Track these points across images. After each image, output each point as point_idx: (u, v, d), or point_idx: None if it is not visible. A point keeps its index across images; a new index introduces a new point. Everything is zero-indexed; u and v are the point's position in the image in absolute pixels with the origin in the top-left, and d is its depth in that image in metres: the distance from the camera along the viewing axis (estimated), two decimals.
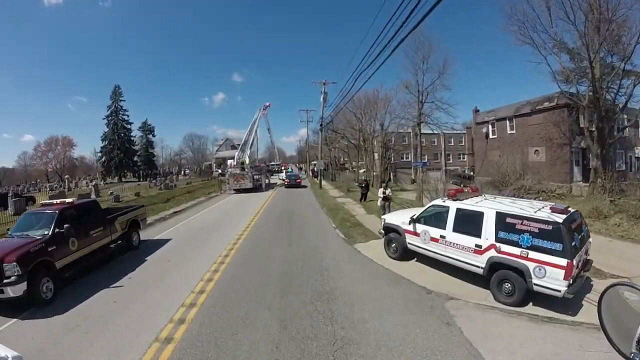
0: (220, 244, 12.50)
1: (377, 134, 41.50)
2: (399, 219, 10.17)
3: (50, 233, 8.45)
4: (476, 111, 39.92)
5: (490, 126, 37.41)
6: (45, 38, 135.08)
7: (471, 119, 43.79)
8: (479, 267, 7.75)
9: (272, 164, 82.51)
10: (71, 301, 7.64)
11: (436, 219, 9.10)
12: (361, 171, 61.98)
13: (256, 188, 32.98)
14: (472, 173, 62.47)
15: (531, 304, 6.77)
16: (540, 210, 7.22)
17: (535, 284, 6.61)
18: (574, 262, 6.27)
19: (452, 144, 60.69)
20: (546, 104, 29.91)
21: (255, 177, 33.65)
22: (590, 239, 7.97)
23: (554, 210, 7.09)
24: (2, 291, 6.88)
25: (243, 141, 37.04)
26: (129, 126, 65.40)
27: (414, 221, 9.45)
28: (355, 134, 42.68)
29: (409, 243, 9.68)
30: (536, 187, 28.18)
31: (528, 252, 6.77)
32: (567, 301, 6.38)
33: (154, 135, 78.71)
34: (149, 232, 15.06)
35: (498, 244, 7.35)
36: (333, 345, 5.49)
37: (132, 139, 66.23)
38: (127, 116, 65.63)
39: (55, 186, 55.09)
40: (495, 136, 36.55)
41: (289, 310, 6.81)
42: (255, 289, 8.03)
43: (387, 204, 16.00)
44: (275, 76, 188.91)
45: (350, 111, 42.27)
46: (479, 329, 5.91)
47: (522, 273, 6.81)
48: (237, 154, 34.19)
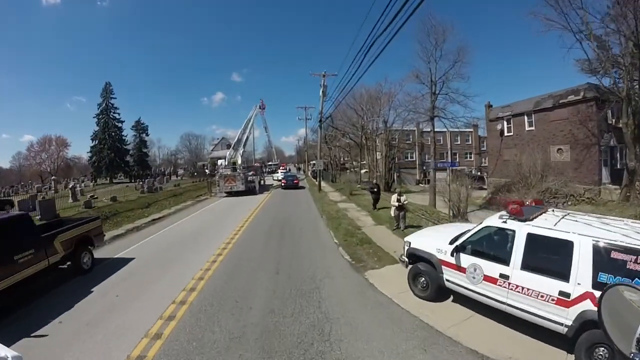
0: (189, 268, 9.58)
1: (380, 132, 38.52)
2: (430, 243, 7.18)
3: None
4: (489, 106, 36.92)
5: (505, 122, 34.40)
6: (43, 38, 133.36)
7: (478, 115, 40.76)
8: (561, 324, 4.97)
9: (270, 163, 79.68)
10: None
11: (493, 248, 6.18)
12: (363, 171, 59.00)
13: (249, 190, 30.00)
14: (480, 173, 59.56)
15: None
16: None
17: None
18: None
19: (459, 142, 57.71)
20: (571, 98, 26.89)
21: (248, 178, 30.68)
22: None
23: None
24: None
25: (236, 139, 34.08)
26: (120, 125, 62.42)
27: (457, 250, 6.45)
28: (357, 131, 39.70)
29: (447, 280, 6.72)
30: (563, 190, 25.28)
31: None
32: None
33: (147, 135, 75.66)
34: (114, 247, 12.61)
35: (597, 293, 4.52)
36: None
37: (124, 138, 63.21)
38: (118, 114, 62.71)
39: (43, 188, 52.16)
40: (512, 133, 33.55)
41: None
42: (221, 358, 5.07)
43: (402, 214, 12.98)
44: (274, 76, 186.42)
45: (351, 108, 39.51)
46: None
47: None
48: (228, 153, 31.24)
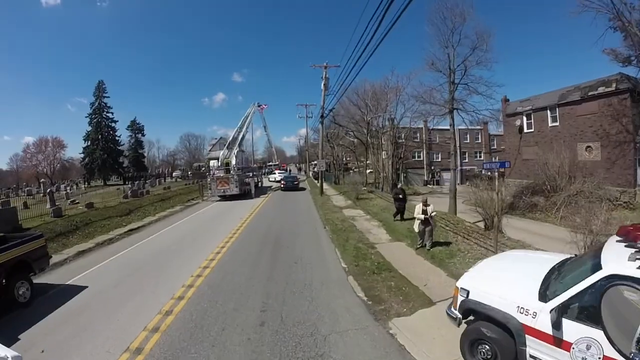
0: (149, 307, 7.00)
1: (386, 129, 35.76)
2: (504, 294, 4.42)
3: None
4: (506, 100, 34.09)
5: (524, 118, 31.58)
6: (42, 38, 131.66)
7: (493, 109, 37.85)
8: None
9: (270, 164, 77.02)
10: None
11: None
12: (367, 172, 56.18)
13: (245, 194, 27.32)
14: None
15: None
16: None
17: None
18: None
19: (468, 140, 54.73)
20: (602, 89, 24.06)
21: (245, 180, 28.00)
22: None
23: None
24: None
25: (231, 138, 31.33)
26: (113, 125, 59.85)
27: (557, 311, 3.72)
28: (362, 128, 36.88)
29: (532, 357, 4.00)
30: (597, 192, 22.44)
31: None
32: None
33: (143, 135, 73.25)
34: (72, 267, 10.57)
35: None
36: None
37: (118, 138, 60.64)
38: (112, 114, 60.08)
39: (33, 191, 49.66)
40: (532, 130, 30.73)
41: None
42: None
43: (429, 229, 10.21)
44: (275, 76, 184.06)
45: (354, 104, 36.76)
46: None
47: None
48: (222, 152, 28.57)
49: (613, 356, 3.27)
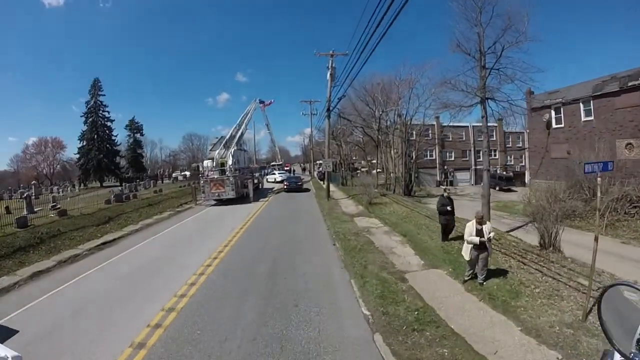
0: None
1: (397, 126, 32.87)
2: None
3: None
4: (530, 93, 31.03)
5: (553, 112, 28.56)
6: (45, 38, 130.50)
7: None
8: None
9: (274, 164, 74.34)
10: None
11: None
12: (375, 171, 53.30)
13: (243, 197, 24.63)
14: (506, 172, 53.42)
15: None
16: None
17: None
18: None
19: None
20: None
21: (241, 182, 25.28)
22: None
23: None
24: None
25: (229, 135, 28.53)
26: (109, 124, 57.41)
27: None
28: (372, 124, 33.95)
29: None
30: None
31: None
32: None
33: (142, 134, 70.81)
34: (21, 295, 8.65)
35: None
36: None
37: (114, 138, 58.17)
38: (108, 112, 57.54)
39: (26, 193, 47.30)
40: (562, 125, 27.69)
41: None
42: None
43: (484, 256, 7.34)
44: (280, 75, 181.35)
45: (361, 100, 33.93)
46: None
47: None
48: (217, 152, 25.87)
49: None
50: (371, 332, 5.63)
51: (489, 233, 7.44)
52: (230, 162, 24.72)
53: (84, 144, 55.80)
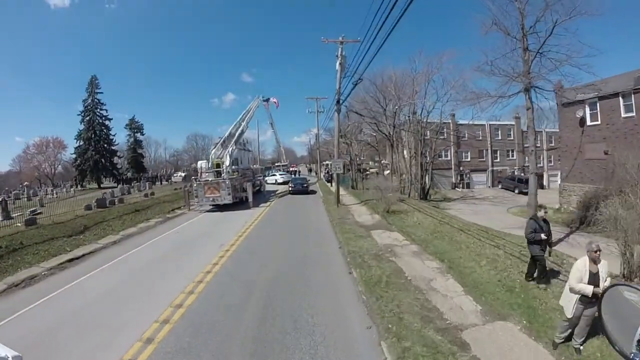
0: None
1: (412, 123, 29.93)
2: None
3: None
4: (560, 87, 27.97)
5: (587, 108, 25.47)
6: (50, 38, 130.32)
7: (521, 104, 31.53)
8: None
9: (278, 164, 71.73)
10: None
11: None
12: (386, 173, 50.25)
13: (241, 201, 21.94)
14: (524, 174, 50.05)
15: None
16: None
17: None
18: None
19: (500, 137, 48.36)
20: None
21: (240, 185, 22.56)
22: None
23: None
24: None
25: (227, 133, 25.78)
26: (107, 123, 55.01)
27: None
28: (384, 120, 31.00)
29: None
30: None
31: None
32: None
33: (142, 134, 68.59)
34: None
35: None
36: None
37: (112, 137, 55.79)
38: (106, 111, 55.10)
39: (20, 194, 45.28)
40: (598, 122, 24.51)
41: None
42: None
43: (592, 311, 4.37)
44: (285, 74, 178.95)
45: (371, 96, 31.04)
46: None
47: None
48: (213, 151, 23.24)
49: None
50: None
51: (606, 279, 4.56)
52: (227, 162, 22.01)
53: (81, 143, 53.59)
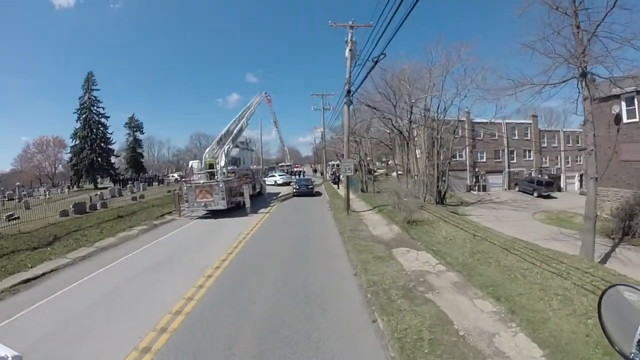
0: None
1: (427, 120, 27.30)
2: None
3: None
4: (592, 81, 25.22)
5: (623, 103, 22.74)
6: (55, 38, 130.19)
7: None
8: None
9: (282, 164, 69.25)
10: None
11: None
12: (394, 174, 47.62)
13: (238, 206, 19.50)
14: (541, 175, 47.10)
15: None
16: None
17: None
18: None
19: (516, 137, 45.47)
20: None
21: (237, 188, 20.09)
22: None
23: None
24: None
25: (225, 130, 23.17)
26: (104, 121, 52.80)
27: None
28: (391, 121, 28.41)
29: None
30: None
31: None
32: None
33: (142, 132, 66.58)
34: None
35: None
36: None
37: (109, 136, 53.60)
38: (103, 109, 52.92)
39: (13, 194, 43.33)
40: (636, 119, 21.80)
41: None
42: None
43: None
44: (290, 74, 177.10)
45: (379, 92, 28.39)
46: None
47: None
48: (207, 150, 20.79)
49: None
50: None
51: None
52: (222, 162, 19.52)
53: (77, 142, 51.50)
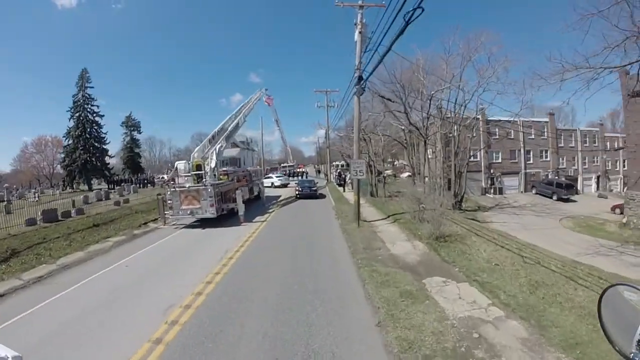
0: None
1: (444, 114, 24.70)
2: None
3: None
4: (626, 74, 22.50)
5: None
6: (60, 38, 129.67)
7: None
8: None
9: (285, 165, 66.84)
10: None
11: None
12: (403, 175, 45.14)
13: (232, 213, 17.06)
14: (557, 176, 44.24)
15: None
16: None
17: None
18: None
19: (532, 135, 42.63)
20: None
21: (230, 192, 17.61)
22: None
23: None
24: None
25: (219, 127, 20.54)
26: (98, 119, 50.52)
27: None
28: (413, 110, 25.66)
29: None
30: None
31: None
32: None
33: (139, 132, 64.34)
34: None
35: None
36: None
37: (103, 136, 51.33)
38: (97, 107, 50.65)
39: (2, 197, 41.22)
40: None
41: None
42: None
43: None
44: (293, 74, 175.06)
45: (389, 89, 25.80)
46: None
47: None
48: (196, 149, 18.30)
49: None
50: None
51: None
52: (213, 163, 17.04)
53: (70, 142, 49.33)
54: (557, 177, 42.20)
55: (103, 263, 11.33)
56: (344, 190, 29.67)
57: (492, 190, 37.07)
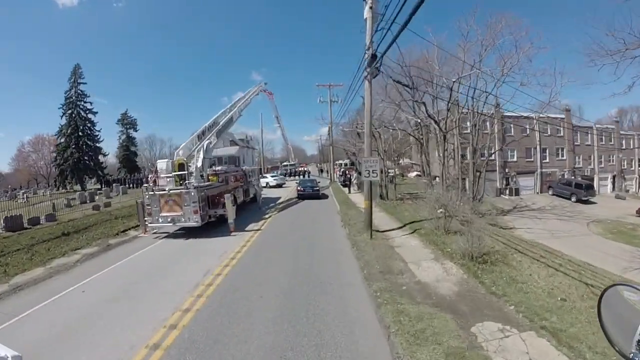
0: None
1: (463, 112, 22.36)
2: None
3: None
4: None
5: None
6: (62, 37, 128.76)
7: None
8: None
9: (286, 164, 64.63)
10: None
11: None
12: (411, 175, 42.84)
13: (222, 219, 14.85)
14: (574, 176, 41.78)
15: None
16: None
17: None
18: None
19: (548, 133, 40.23)
20: None
21: (217, 196, 15.32)
22: None
23: None
24: None
25: (211, 122, 18.14)
26: (91, 116, 48.41)
27: None
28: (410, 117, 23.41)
29: None
30: None
31: None
32: None
33: (136, 130, 62.20)
34: None
35: None
36: None
37: (97, 134, 49.23)
38: (90, 104, 48.63)
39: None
40: None
41: None
42: None
43: None
44: (295, 73, 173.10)
45: (395, 81, 23.30)
46: None
47: None
48: (182, 145, 16.04)
49: None
50: None
51: None
52: (199, 162, 14.81)
53: (62, 140, 47.30)
54: (574, 177, 39.79)
55: (61, 284, 9.28)
56: (349, 192, 27.42)
57: (507, 191, 34.70)
